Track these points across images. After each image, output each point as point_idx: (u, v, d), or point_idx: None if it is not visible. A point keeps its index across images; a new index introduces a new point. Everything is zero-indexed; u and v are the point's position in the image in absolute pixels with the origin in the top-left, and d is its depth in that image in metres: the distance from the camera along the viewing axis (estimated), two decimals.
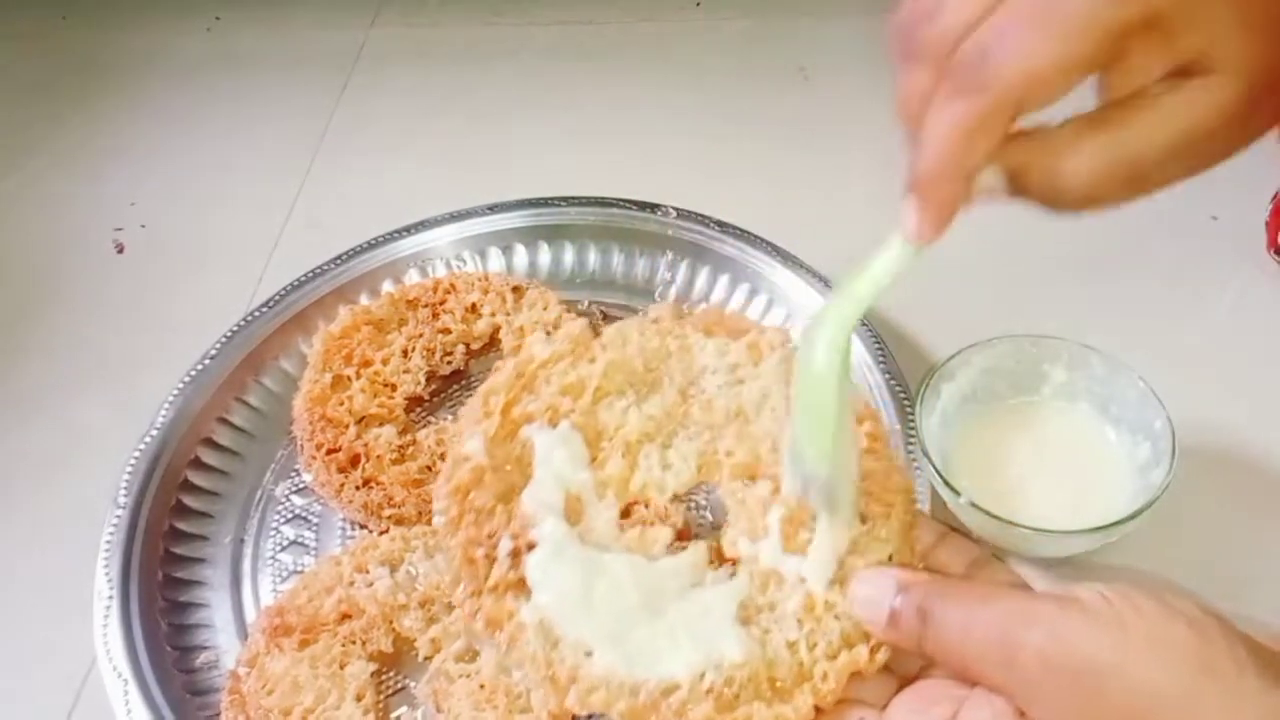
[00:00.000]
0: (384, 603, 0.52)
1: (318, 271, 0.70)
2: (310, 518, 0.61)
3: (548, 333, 0.60)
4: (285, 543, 0.60)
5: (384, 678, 0.53)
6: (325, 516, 0.61)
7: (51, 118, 0.93)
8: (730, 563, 0.41)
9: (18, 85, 0.97)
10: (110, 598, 0.55)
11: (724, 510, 0.43)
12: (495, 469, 0.41)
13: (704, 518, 0.58)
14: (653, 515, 0.43)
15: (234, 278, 0.77)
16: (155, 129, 0.92)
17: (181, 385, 0.64)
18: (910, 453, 0.57)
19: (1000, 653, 0.33)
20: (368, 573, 0.53)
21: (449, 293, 0.66)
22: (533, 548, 0.39)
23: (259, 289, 0.76)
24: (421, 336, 0.64)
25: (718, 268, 0.71)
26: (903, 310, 0.70)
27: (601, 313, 0.70)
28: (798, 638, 0.38)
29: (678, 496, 0.43)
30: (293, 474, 0.63)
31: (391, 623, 0.52)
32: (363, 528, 0.59)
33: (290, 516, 0.61)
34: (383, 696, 0.52)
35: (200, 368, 0.65)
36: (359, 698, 0.50)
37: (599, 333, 0.45)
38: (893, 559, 0.39)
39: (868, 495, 0.41)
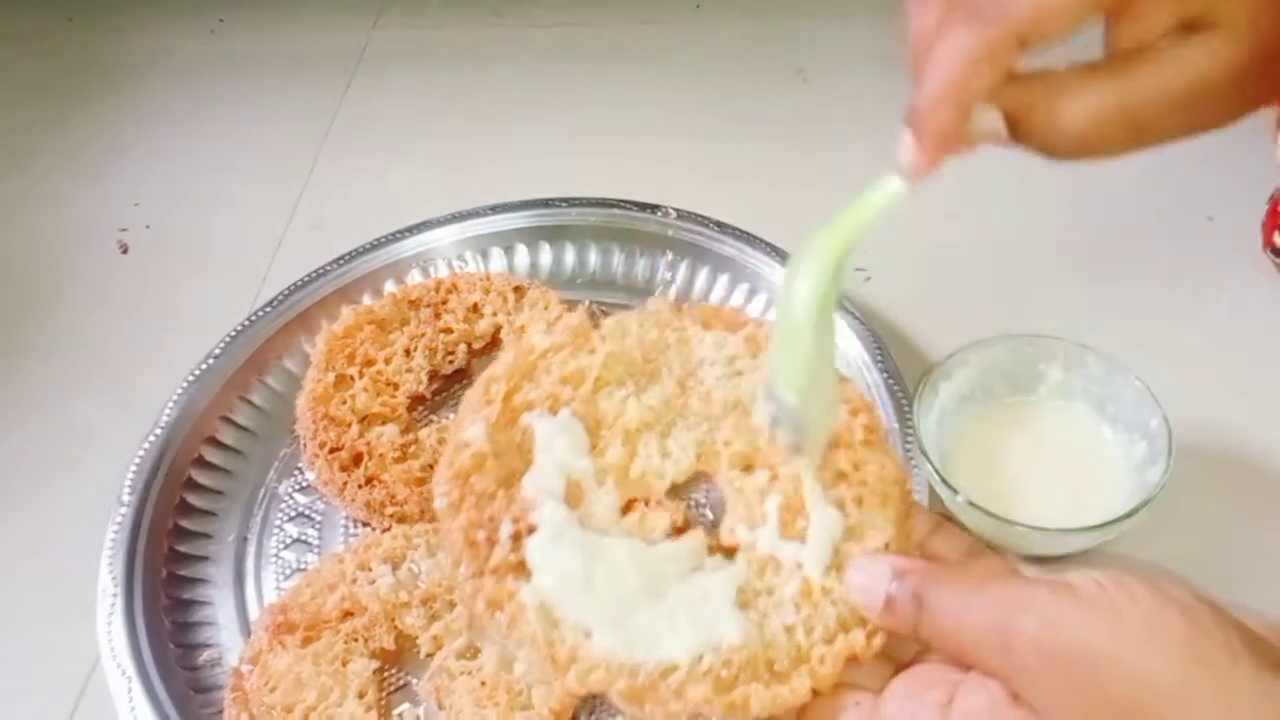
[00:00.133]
0: (386, 600, 0.53)
1: (321, 271, 0.71)
2: (313, 515, 0.61)
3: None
4: (288, 540, 0.60)
5: (386, 675, 0.53)
6: (328, 514, 0.61)
7: (56, 118, 0.94)
8: (728, 549, 0.42)
9: (22, 85, 0.98)
10: (114, 595, 0.55)
11: (723, 506, 0.44)
12: (496, 455, 0.41)
13: (704, 515, 0.58)
14: (653, 511, 0.43)
15: (237, 277, 0.77)
16: (159, 129, 0.92)
17: (185, 384, 0.64)
18: (908, 452, 0.57)
19: (995, 638, 0.34)
20: (370, 570, 0.54)
21: (451, 292, 0.67)
22: (533, 531, 0.40)
23: (262, 289, 0.76)
24: (424, 336, 0.65)
25: (718, 268, 0.71)
26: (901, 310, 0.70)
27: (602, 312, 0.70)
28: (795, 622, 0.38)
29: (676, 487, 0.43)
30: (296, 472, 0.63)
31: (394, 620, 0.53)
32: (365, 525, 0.59)
33: (293, 514, 0.62)
34: (385, 694, 0.52)
35: (204, 367, 0.65)
36: (361, 695, 0.50)
37: (598, 325, 0.45)
38: (889, 547, 0.40)
39: (863, 485, 0.41)
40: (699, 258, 0.72)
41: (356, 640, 0.52)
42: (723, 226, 0.72)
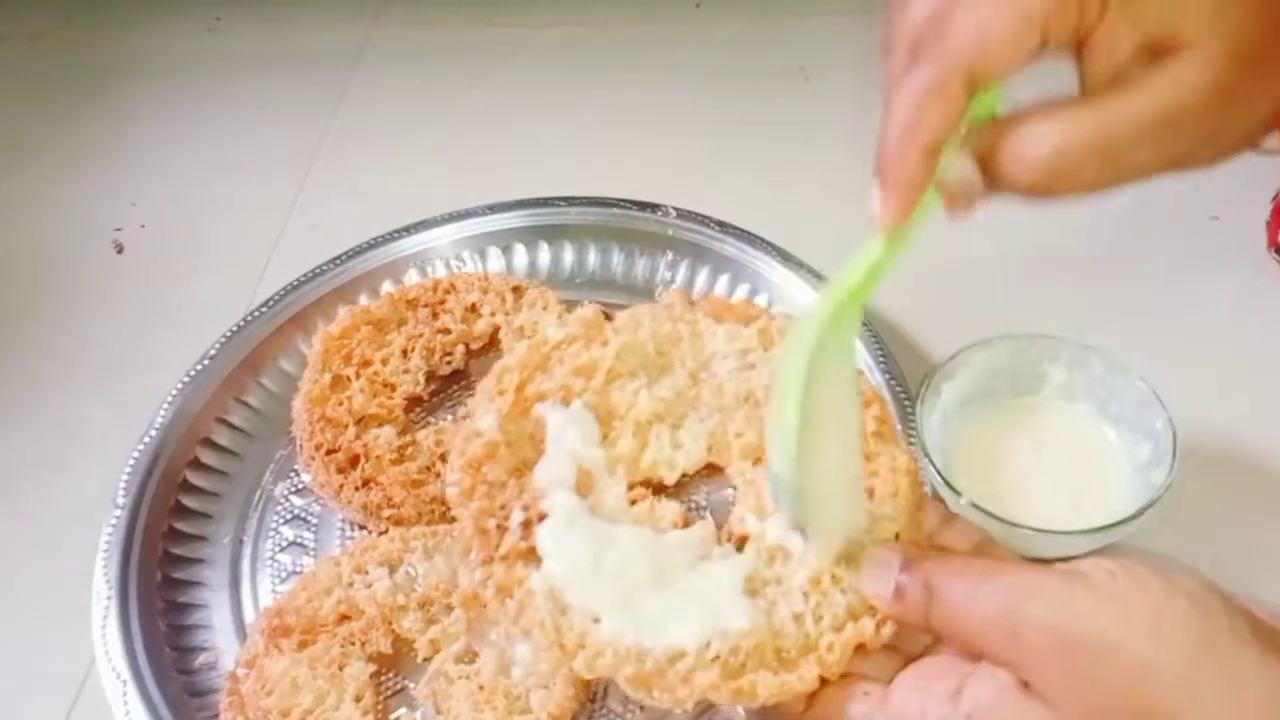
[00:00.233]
0: (383, 604, 0.52)
1: (317, 271, 0.70)
2: (309, 518, 0.61)
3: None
4: (284, 543, 0.60)
5: (383, 679, 0.53)
6: (324, 517, 0.61)
7: (51, 117, 0.93)
8: (738, 540, 0.42)
9: (18, 85, 0.97)
10: (109, 598, 0.55)
11: (726, 510, 0.44)
12: (509, 444, 0.41)
13: (704, 518, 0.58)
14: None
15: (234, 278, 0.77)
16: (155, 129, 0.92)
17: (181, 385, 0.64)
18: (907, 446, 0.57)
19: (1004, 626, 0.34)
20: (367, 573, 0.53)
21: (449, 293, 0.66)
22: (544, 519, 0.40)
23: (259, 289, 0.76)
24: (421, 336, 0.64)
25: (718, 268, 0.71)
26: (903, 310, 0.70)
27: (603, 313, 0.70)
28: (804, 610, 0.39)
29: (681, 484, 0.43)
30: (292, 474, 0.63)
31: (391, 624, 0.52)
32: (362, 528, 0.59)
33: (289, 517, 0.61)
34: (382, 698, 0.52)
35: (199, 368, 0.65)
36: (358, 699, 0.50)
37: (611, 317, 0.46)
38: (899, 538, 0.40)
39: (874, 476, 0.41)
40: (699, 257, 0.71)
41: (353, 644, 0.52)
42: (723, 226, 0.71)
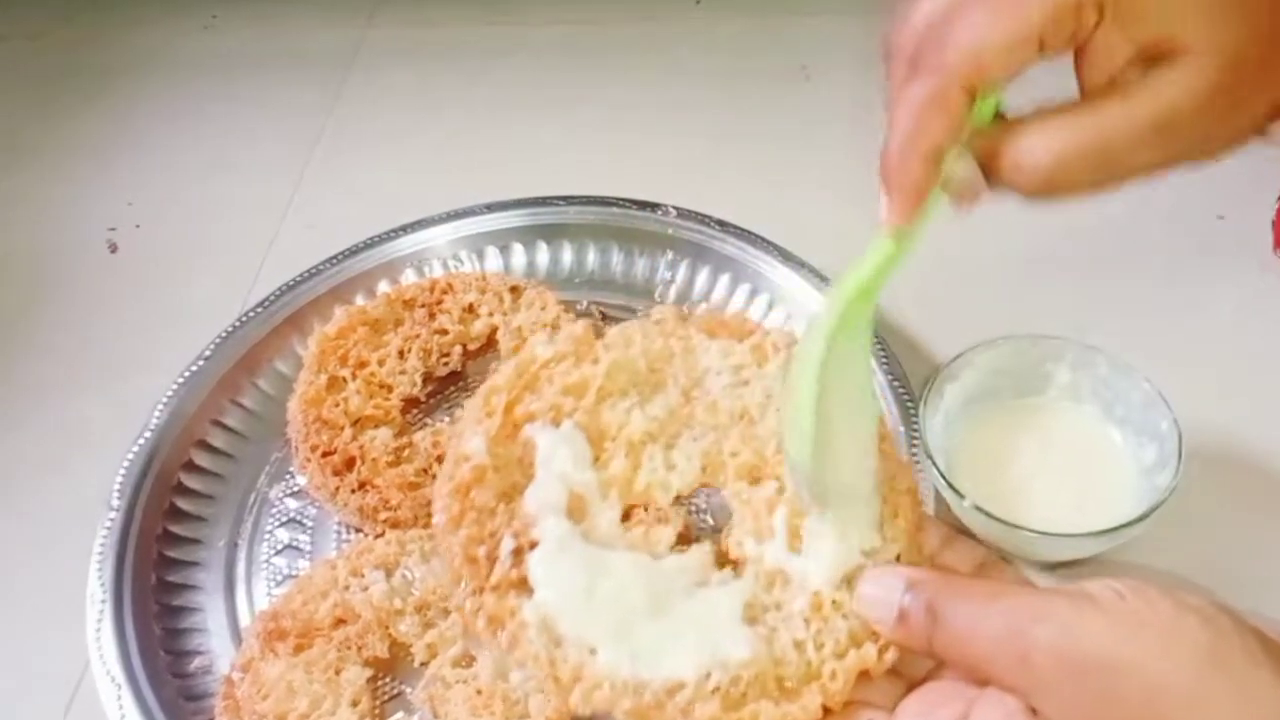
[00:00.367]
0: (380, 607, 0.52)
1: (313, 272, 0.70)
2: (305, 521, 0.61)
3: (550, 332, 0.60)
4: (280, 546, 0.59)
5: (380, 683, 0.52)
6: (320, 520, 0.60)
7: (47, 117, 0.93)
8: (735, 563, 0.41)
9: (14, 84, 0.97)
10: (103, 602, 0.54)
11: (726, 513, 0.43)
12: (497, 468, 0.40)
13: (705, 521, 0.58)
14: (653, 518, 0.42)
15: (229, 278, 0.77)
16: (151, 128, 0.91)
17: (175, 387, 0.63)
18: (914, 454, 0.56)
19: (1011, 650, 0.33)
20: (363, 577, 0.53)
21: (446, 293, 0.66)
22: (535, 546, 0.39)
23: (254, 289, 0.76)
24: (418, 337, 0.64)
25: (718, 268, 0.70)
26: (906, 311, 0.69)
27: (601, 313, 0.70)
28: (805, 637, 0.38)
29: (680, 498, 0.43)
30: (287, 477, 0.62)
31: (387, 628, 0.52)
32: (358, 531, 0.58)
33: (285, 520, 0.61)
34: (379, 702, 0.51)
35: (194, 369, 0.64)
36: (354, 703, 0.50)
37: (601, 333, 0.45)
38: (900, 559, 0.39)
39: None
40: (699, 257, 0.71)
41: (349, 648, 0.51)
42: (724, 225, 0.71)
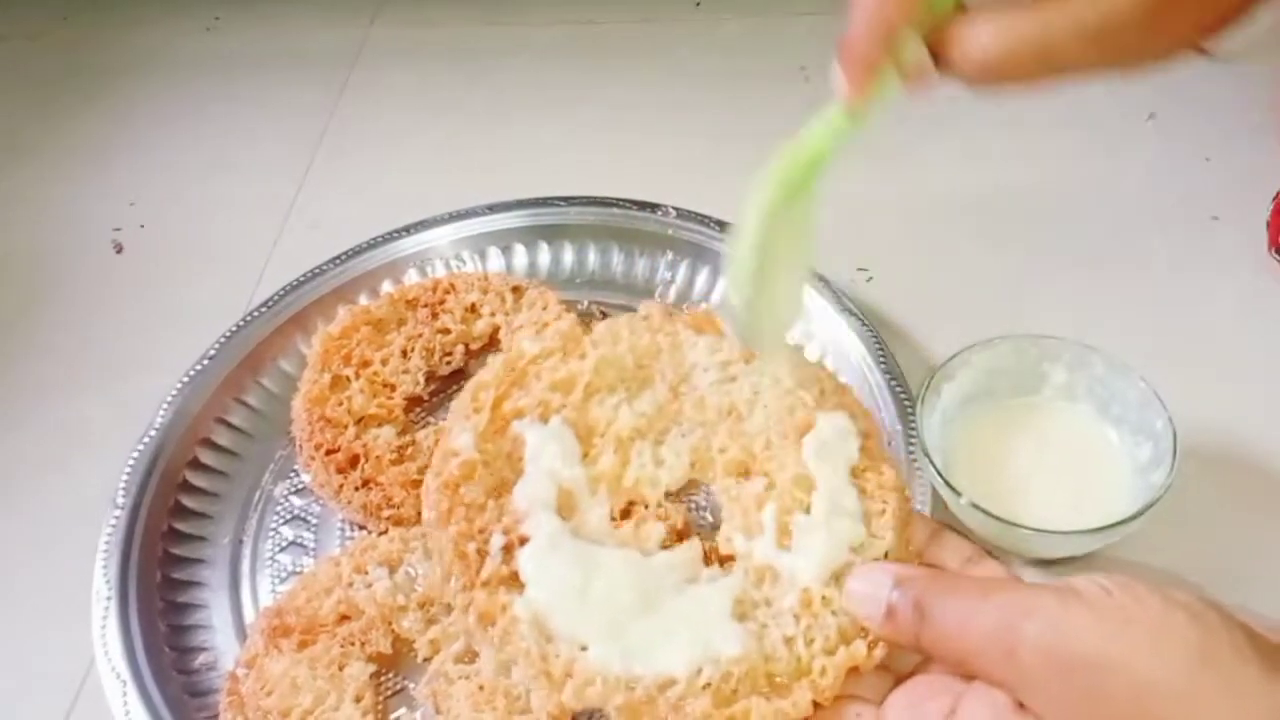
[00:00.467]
0: (383, 604, 0.52)
1: (317, 271, 0.70)
2: (309, 518, 0.61)
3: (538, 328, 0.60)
4: (284, 543, 0.60)
5: (383, 679, 0.52)
6: (324, 517, 0.61)
7: (50, 117, 0.93)
8: (725, 560, 0.41)
9: (16, 84, 0.97)
10: (109, 598, 0.55)
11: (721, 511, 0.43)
12: (486, 464, 0.41)
13: (704, 519, 0.58)
14: (650, 516, 0.43)
15: (233, 278, 0.77)
16: (155, 128, 0.92)
17: (180, 385, 0.64)
18: (911, 453, 0.57)
19: (999, 645, 0.33)
20: (366, 574, 0.53)
21: (448, 293, 0.66)
22: (525, 542, 0.39)
23: (258, 289, 0.76)
24: (421, 337, 0.64)
25: (718, 268, 0.70)
26: (903, 310, 0.70)
27: (601, 312, 0.70)
28: (795, 633, 0.38)
29: (671, 494, 0.43)
30: (291, 474, 0.63)
31: (390, 624, 0.52)
32: (361, 528, 0.59)
33: (289, 517, 0.61)
34: (382, 698, 0.52)
35: (199, 368, 0.65)
36: (358, 699, 0.50)
37: (589, 329, 0.45)
38: (888, 556, 0.39)
39: (861, 492, 0.41)
40: (699, 257, 0.71)
41: (353, 644, 0.52)
42: (723, 226, 0.71)
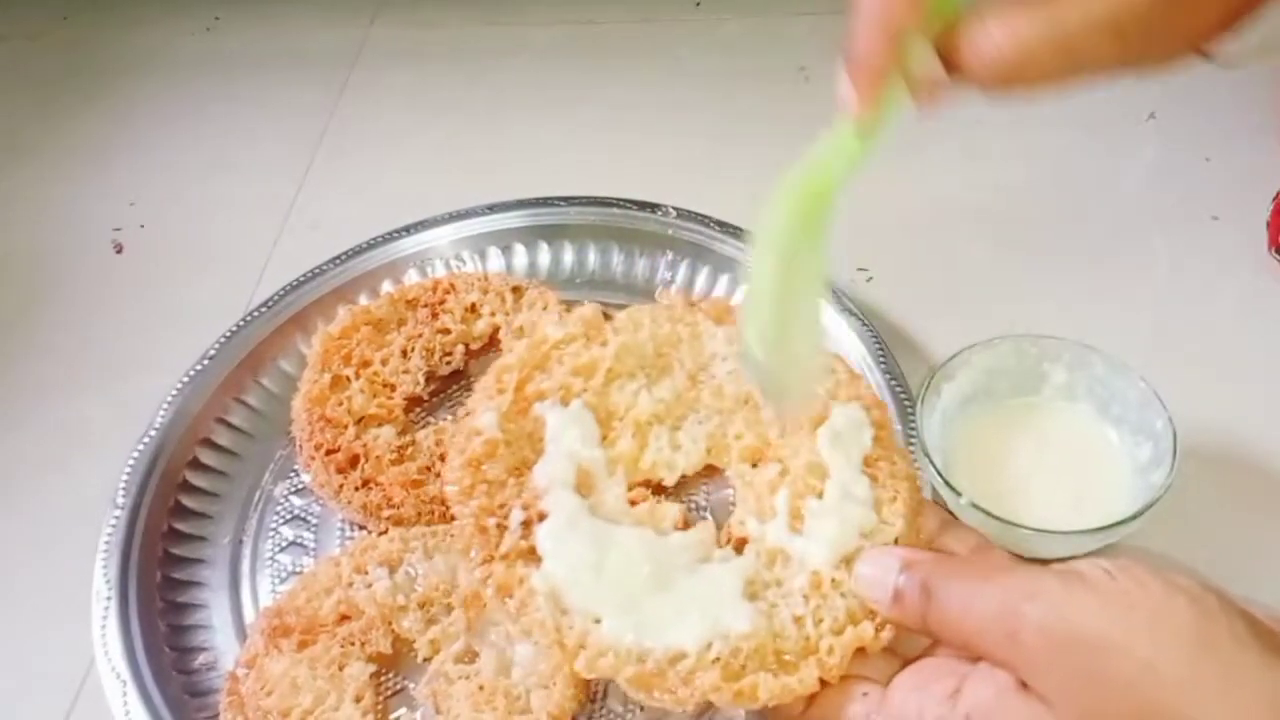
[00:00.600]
0: (383, 604, 0.52)
1: (317, 271, 0.70)
2: (309, 518, 0.61)
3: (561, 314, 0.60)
4: (284, 543, 0.60)
5: (383, 679, 0.52)
6: (324, 517, 0.61)
7: (49, 117, 0.93)
8: (738, 543, 0.42)
9: (16, 84, 0.97)
10: (108, 598, 0.55)
11: (726, 510, 0.44)
12: (508, 443, 0.42)
13: (704, 519, 0.58)
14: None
15: (233, 278, 0.77)
16: (154, 128, 0.92)
17: (180, 385, 0.64)
18: (911, 453, 0.57)
19: (1003, 627, 0.34)
20: (366, 574, 0.53)
21: (448, 293, 0.66)
22: (544, 518, 0.40)
23: (258, 289, 0.76)
24: (421, 337, 0.64)
25: (718, 268, 0.71)
26: (903, 310, 0.70)
27: (602, 313, 0.70)
28: (804, 613, 0.39)
29: (681, 483, 0.44)
30: (291, 474, 0.63)
31: (390, 624, 0.52)
32: (361, 528, 0.59)
33: (289, 517, 0.61)
34: (382, 698, 0.52)
35: (199, 368, 0.65)
36: (358, 699, 0.50)
37: (611, 317, 0.46)
38: (898, 542, 0.40)
39: (873, 480, 0.41)
40: (699, 257, 0.71)
41: (353, 644, 0.52)
42: (723, 226, 0.71)
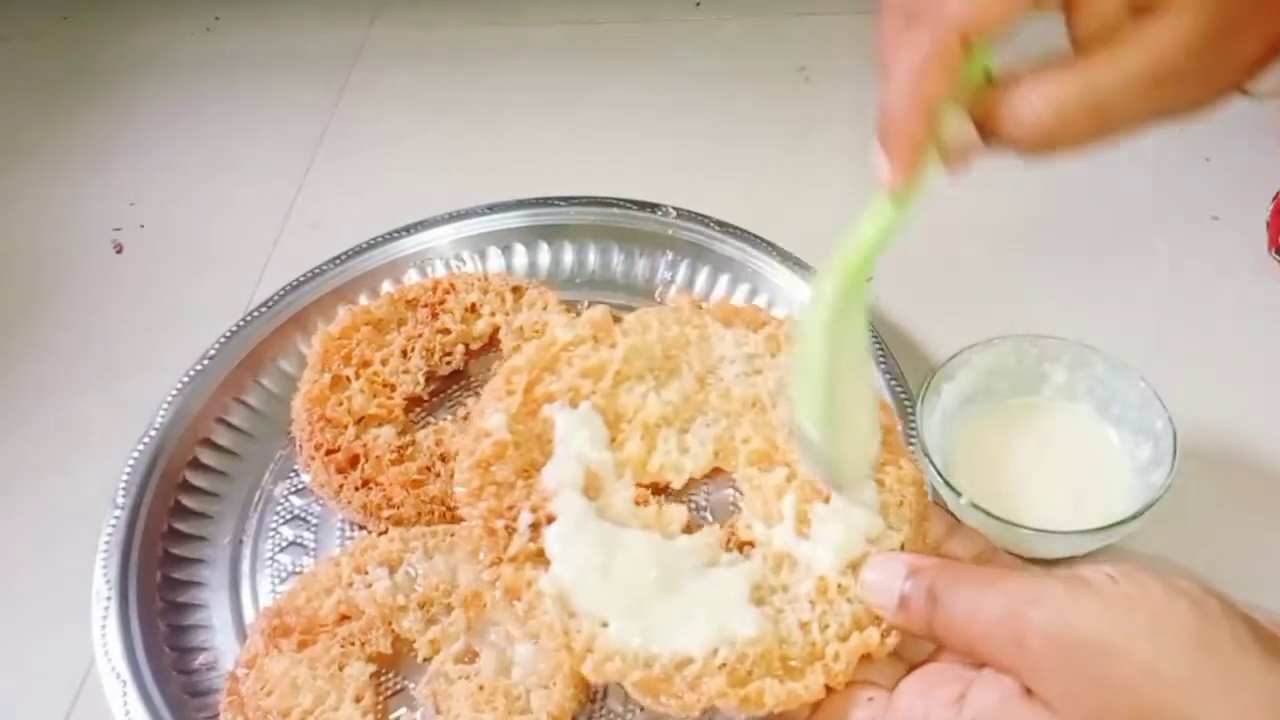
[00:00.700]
0: (383, 604, 0.52)
1: (317, 271, 0.70)
2: (309, 518, 0.61)
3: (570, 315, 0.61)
4: (284, 543, 0.60)
5: (383, 679, 0.52)
6: (324, 517, 0.61)
7: (49, 117, 0.93)
8: (744, 546, 0.42)
9: (17, 84, 0.97)
10: (109, 598, 0.55)
11: (727, 511, 0.44)
12: (517, 444, 0.42)
13: (705, 519, 0.58)
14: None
15: (233, 278, 0.77)
16: (154, 128, 0.92)
17: (180, 385, 0.64)
18: (911, 453, 0.57)
19: (1007, 632, 0.34)
20: (366, 574, 0.53)
21: (448, 293, 0.66)
22: (552, 521, 0.40)
23: (258, 289, 0.76)
24: (421, 337, 0.64)
25: (718, 268, 0.71)
26: (903, 310, 0.70)
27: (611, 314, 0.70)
28: (810, 619, 0.39)
29: (693, 480, 0.44)
30: (291, 474, 0.63)
31: (390, 624, 0.52)
32: (361, 528, 0.59)
33: (289, 517, 0.61)
34: (382, 698, 0.52)
35: (199, 368, 0.65)
36: (358, 699, 0.50)
37: (620, 319, 0.46)
38: (904, 547, 0.40)
39: (880, 485, 0.41)
40: (699, 257, 0.71)
41: (353, 644, 0.52)
42: (723, 226, 0.71)
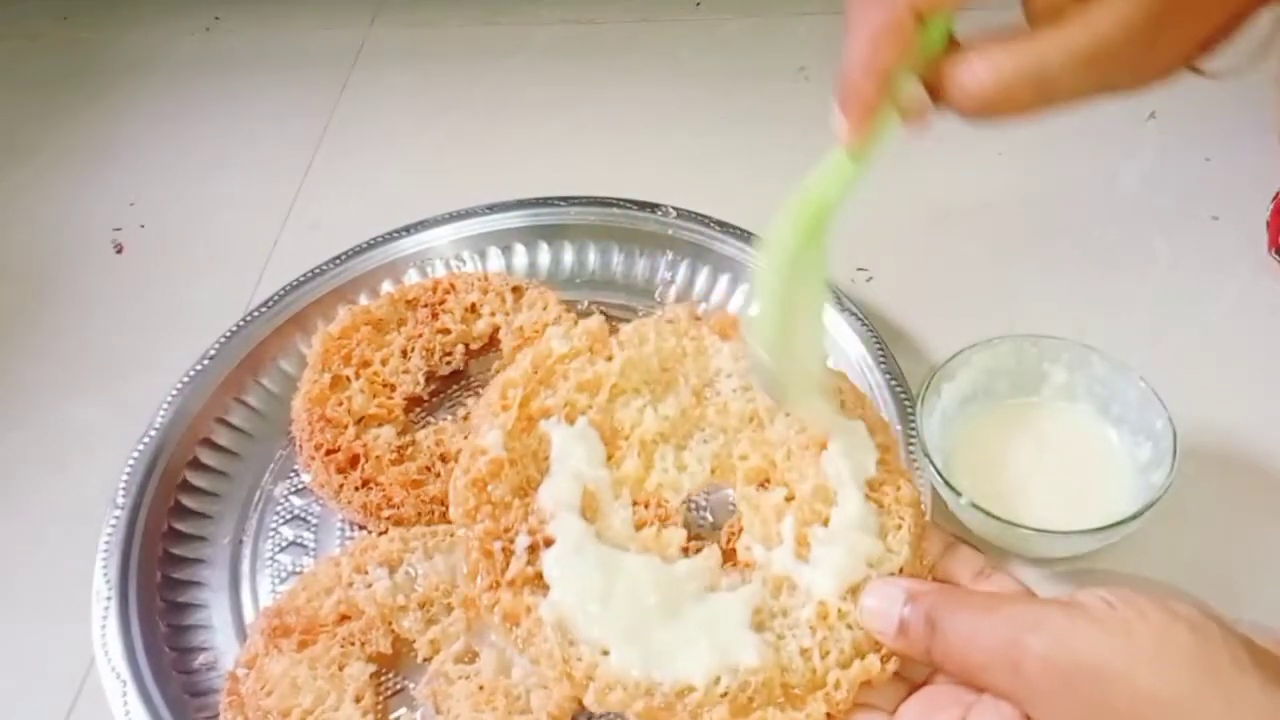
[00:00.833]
0: (383, 604, 0.52)
1: (317, 271, 0.70)
2: (309, 518, 0.61)
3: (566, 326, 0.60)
4: (284, 543, 0.60)
5: (383, 679, 0.53)
6: (324, 517, 0.61)
7: (50, 117, 0.93)
8: (743, 565, 0.42)
9: (17, 84, 0.97)
10: (109, 598, 0.55)
11: (726, 512, 0.43)
12: (513, 462, 0.41)
13: (705, 519, 0.58)
14: (653, 515, 0.43)
15: (233, 278, 0.77)
16: (154, 128, 0.92)
17: (180, 385, 0.64)
18: (911, 453, 0.57)
19: (1006, 658, 0.34)
20: (367, 574, 0.53)
21: (448, 293, 0.66)
22: (550, 544, 0.40)
23: (258, 289, 0.76)
24: (421, 337, 0.64)
25: (718, 268, 0.71)
26: (903, 310, 0.70)
27: (602, 313, 0.70)
28: (811, 645, 0.38)
29: (690, 497, 0.43)
30: (291, 474, 0.63)
31: (390, 624, 0.52)
32: (362, 528, 0.59)
33: (289, 517, 0.61)
34: (382, 698, 0.52)
35: (199, 368, 0.65)
36: (358, 699, 0.50)
37: (616, 330, 0.45)
38: (903, 570, 0.40)
39: (879, 506, 0.41)
40: (699, 257, 0.71)
41: (353, 644, 0.52)
42: (723, 226, 0.71)
